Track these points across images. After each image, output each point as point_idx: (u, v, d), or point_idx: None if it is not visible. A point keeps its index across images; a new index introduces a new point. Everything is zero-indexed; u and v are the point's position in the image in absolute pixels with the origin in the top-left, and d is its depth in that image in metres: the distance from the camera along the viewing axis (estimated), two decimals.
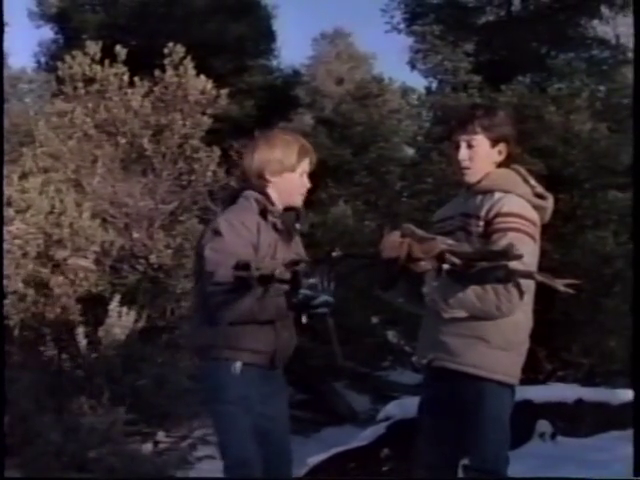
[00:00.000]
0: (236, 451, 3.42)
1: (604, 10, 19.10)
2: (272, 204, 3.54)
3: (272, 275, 3.13)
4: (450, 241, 3.33)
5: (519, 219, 3.41)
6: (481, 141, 3.56)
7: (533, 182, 3.58)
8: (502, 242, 3.29)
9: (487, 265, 3.23)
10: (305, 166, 3.61)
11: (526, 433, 6.62)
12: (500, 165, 3.61)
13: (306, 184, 3.64)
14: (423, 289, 3.38)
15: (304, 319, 3.27)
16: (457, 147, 3.59)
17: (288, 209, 3.61)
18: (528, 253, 3.31)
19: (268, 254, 3.43)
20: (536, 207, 3.53)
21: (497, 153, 3.58)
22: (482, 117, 3.57)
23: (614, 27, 21.15)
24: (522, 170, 3.61)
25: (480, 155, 3.57)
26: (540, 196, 3.57)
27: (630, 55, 19.88)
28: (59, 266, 7.87)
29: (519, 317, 3.43)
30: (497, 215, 3.41)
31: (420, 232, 3.32)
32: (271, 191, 3.56)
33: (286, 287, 3.19)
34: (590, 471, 5.59)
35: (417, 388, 10.24)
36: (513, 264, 3.19)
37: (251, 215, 3.49)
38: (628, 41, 20.79)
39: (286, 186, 3.57)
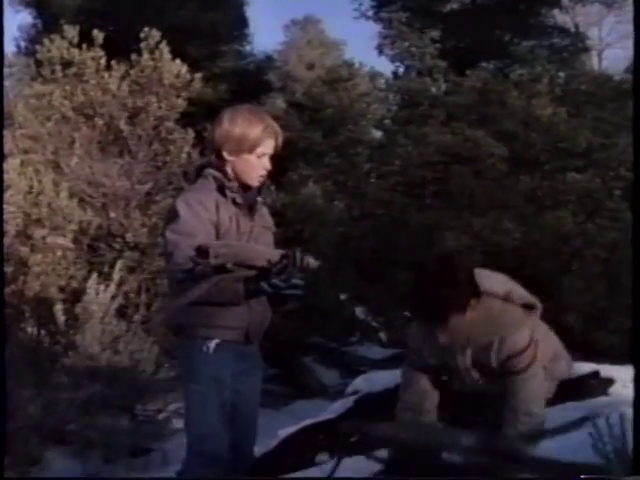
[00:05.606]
0: (200, 430, 3.44)
1: (563, 0, 19.45)
2: (229, 179, 3.48)
3: (226, 266, 3.18)
4: None
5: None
6: None
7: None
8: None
9: None
10: (266, 148, 3.52)
11: None
12: None
13: (266, 166, 3.54)
14: None
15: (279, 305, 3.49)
16: None
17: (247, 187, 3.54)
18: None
19: (231, 229, 3.42)
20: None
21: None
22: None
23: (573, 16, 21.63)
24: None
25: None
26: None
27: (588, 43, 20.34)
28: (38, 244, 7.94)
29: None
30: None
31: None
32: (228, 169, 3.50)
33: (252, 272, 3.24)
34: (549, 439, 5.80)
35: (384, 362, 10.50)
36: None
37: (209, 193, 3.44)
38: (586, 30, 21.28)
39: (242, 167, 3.49)
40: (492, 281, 3.65)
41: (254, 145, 3.48)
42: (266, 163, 3.53)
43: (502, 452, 3.48)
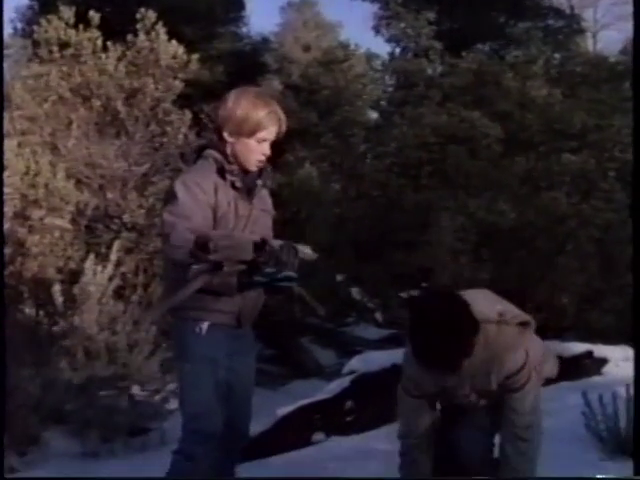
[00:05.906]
0: (194, 409, 3.41)
1: None
2: (230, 162, 3.41)
3: (222, 263, 3.12)
4: None
5: None
6: None
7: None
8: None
9: None
10: (268, 134, 3.44)
11: None
12: None
13: (265, 152, 3.46)
14: None
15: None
16: None
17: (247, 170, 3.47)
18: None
19: (229, 212, 3.38)
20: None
21: None
22: None
23: None
24: None
25: None
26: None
27: (584, 24, 20.39)
28: (36, 226, 7.94)
29: None
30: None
31: None
32: (228, 150, 3.43)
33: (243, 266, 3.18)
34: (543, 418, 5.89)
35: (380, 343, 10.56)
36: None
37: (208, 175, 3.38)
38: (581, 11, 21.34)
39: (241, 150, 3.42)
40: (483, 306, 3.62)
41: (255, 129, 3.41)
42: (266, 149, 3.46)
43: None
